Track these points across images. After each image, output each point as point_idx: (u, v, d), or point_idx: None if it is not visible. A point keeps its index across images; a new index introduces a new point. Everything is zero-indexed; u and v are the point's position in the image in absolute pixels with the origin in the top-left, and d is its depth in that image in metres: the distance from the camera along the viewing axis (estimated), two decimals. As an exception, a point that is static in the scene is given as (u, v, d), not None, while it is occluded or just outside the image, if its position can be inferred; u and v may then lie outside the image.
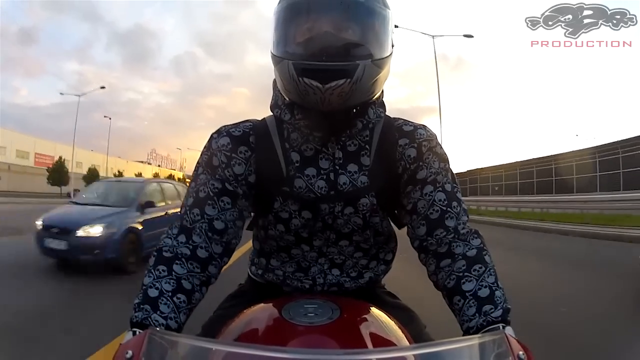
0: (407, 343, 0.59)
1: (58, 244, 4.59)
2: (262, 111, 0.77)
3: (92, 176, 37.44)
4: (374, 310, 0.66)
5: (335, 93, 0.63)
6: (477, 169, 26.93)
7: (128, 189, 5.81)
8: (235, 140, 0.73)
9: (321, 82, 0.62)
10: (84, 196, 6.05)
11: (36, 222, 4.89)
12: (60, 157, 37.49)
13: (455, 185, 0.74)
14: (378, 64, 0.66)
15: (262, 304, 0.67)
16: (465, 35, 20.31)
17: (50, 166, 37.71)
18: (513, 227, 11.55)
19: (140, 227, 5.07)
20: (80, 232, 4.56)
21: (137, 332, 0.58)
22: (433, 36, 19.39)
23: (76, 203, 5.71)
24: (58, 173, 36.19)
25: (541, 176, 20.42)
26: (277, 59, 0.66)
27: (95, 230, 4.63)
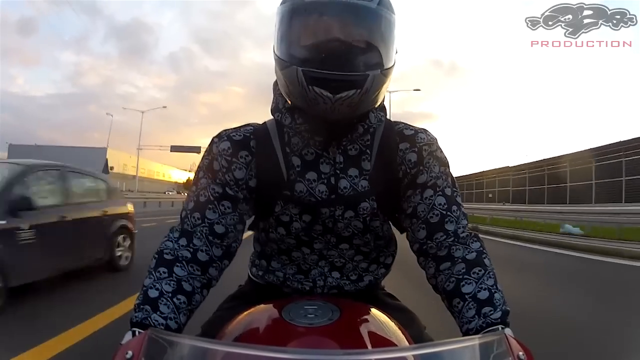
0: (407, 344, 0.59)
1: None
2: (255, 109, 0.78)
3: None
4: (374, 311, 0.66)
5: (345, 103, 0.63)
6: (477, 172, 25.98)
7: None
8: (235, 144, 0.73)
9: (332, 92, 0.61)
10: None
11: None
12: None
13: (455, 189, 0.75)
14: (385, 73, 0.65)
15: (262, 305, 0.67)
16: (415, 90, 25.78)
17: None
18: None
19: None
20: None
21: (137, 332, 0.58)
22: (390, 92, 19.48)
23: None
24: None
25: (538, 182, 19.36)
26: (284, 63, 0.64)
27: None
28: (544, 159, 18.83)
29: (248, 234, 0.78)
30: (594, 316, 3.12)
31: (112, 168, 38.46)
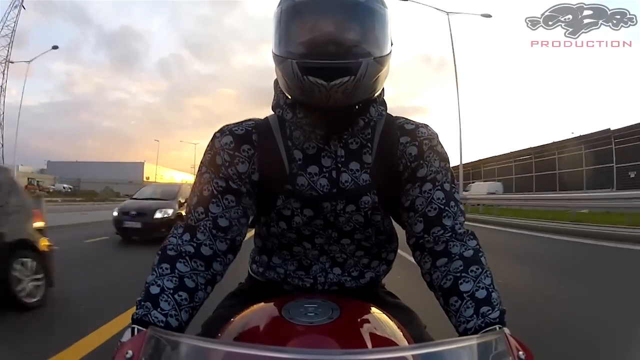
0: (407, 343, 0.59)
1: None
2: (247, 110, 0.78)
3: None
4: (374, 310, 0.66)
5: (339, 90, 0.63)
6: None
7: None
8: (238, 138, 0.73)
9: (326, 80, 0.63)
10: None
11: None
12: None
13: (453, 185, 0.75)
14: (379, 61, 0.66)
15: (262, 303, 0.67)
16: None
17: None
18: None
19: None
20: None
21: (137, 329, 0.58)
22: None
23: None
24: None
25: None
26: (280, 59, 0.67)
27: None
28: (552, 143, 18.01)
29: (249, 235, 0.78)
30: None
31: (147, 178, 45.95)
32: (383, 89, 0.74)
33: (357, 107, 0.70)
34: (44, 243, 3.44)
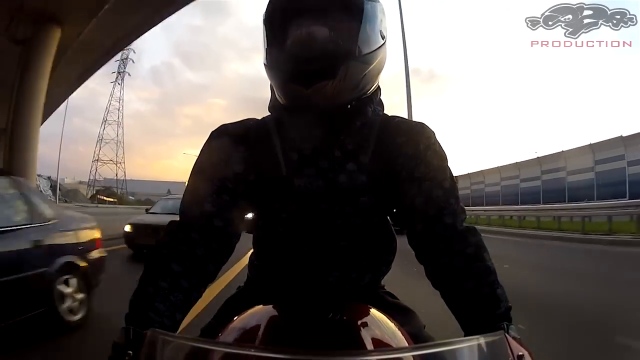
0: (406, 344, 0.59)
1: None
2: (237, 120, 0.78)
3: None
4: (374, 311, 0.66)
5: (320, 95, 0.63)
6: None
7: None
8: (235, 139, 0.73)
9: (304, 86, 0.62)
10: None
11: None
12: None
13: (452, 183, 0.74)
14: (363, 59, 0.65)
15: (261, 306, 0.67)
16: None
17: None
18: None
19: None
20: None
21: (131, 330, 0.58)
22: None
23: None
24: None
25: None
26: (266, 68, 0.68)
27: None
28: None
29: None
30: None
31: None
32: (379, 88, 0.73)
33: (349, 105, 0.69)
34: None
